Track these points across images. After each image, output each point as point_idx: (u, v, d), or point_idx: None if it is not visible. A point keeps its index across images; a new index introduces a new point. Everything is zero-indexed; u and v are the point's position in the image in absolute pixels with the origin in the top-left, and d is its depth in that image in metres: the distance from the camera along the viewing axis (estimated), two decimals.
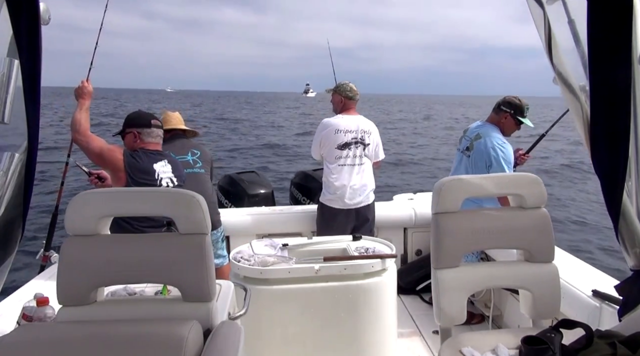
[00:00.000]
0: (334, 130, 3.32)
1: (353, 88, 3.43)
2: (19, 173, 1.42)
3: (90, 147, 2.54)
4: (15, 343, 1.33)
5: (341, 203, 3.36)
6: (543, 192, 1.89)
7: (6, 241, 1.44)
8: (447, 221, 1.86)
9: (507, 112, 3.05)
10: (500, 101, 3.11)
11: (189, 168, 3.15)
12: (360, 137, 3.35)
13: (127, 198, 1.57)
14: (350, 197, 3.35)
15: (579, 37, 1.51)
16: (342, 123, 3.34)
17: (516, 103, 3.04)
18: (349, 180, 3.34)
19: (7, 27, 1.28)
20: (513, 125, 3.07)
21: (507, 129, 3.10)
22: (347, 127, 3.33)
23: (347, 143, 3.32)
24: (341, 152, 3.33)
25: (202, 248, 1.48)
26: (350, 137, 3.33)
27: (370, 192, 3.45)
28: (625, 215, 1.56)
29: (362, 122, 3.40)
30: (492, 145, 2.98)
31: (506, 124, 3.08)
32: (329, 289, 2.29)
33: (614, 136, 1.46)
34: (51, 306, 1.80)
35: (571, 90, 1.54)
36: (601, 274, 2.48)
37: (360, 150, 3.36)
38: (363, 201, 3.39)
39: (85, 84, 2.69)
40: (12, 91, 1.32)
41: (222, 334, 1.43)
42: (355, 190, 3.35)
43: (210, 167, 3.38)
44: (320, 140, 3.38)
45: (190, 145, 3.36)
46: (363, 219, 3.42)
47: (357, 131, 3.34)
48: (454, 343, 1.75)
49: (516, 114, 3.04)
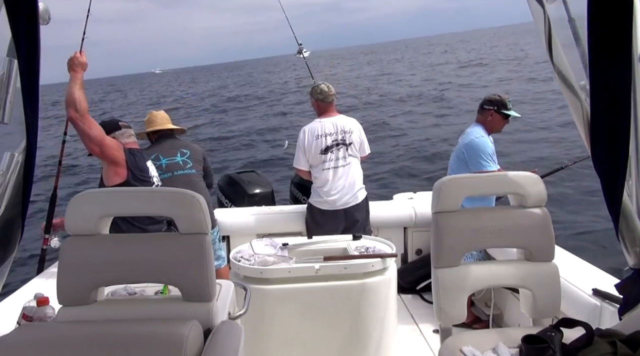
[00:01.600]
0: (314, 137, 3.33)
1: (324, 89, 3.40)
2: (17, 172, 1.42)
3: (91, 135, 2.39)
4: (15, 343, 1.33)
5: (328, 205, 3.38)
6: (543, 191, 1.89)
7: (6, 241, 1.44)
8: (447, 220, 1.86)
9: (491, 109, 3.18)
10: (482, 101, 3.25)
11: (179, 170, 3.12)
12: (341, 138, 3.35)
13: (127, 198, 1.57)
14: (337, 198, 3.36)
15: (579, 36, 1.51)
16: (319, 128, 3.35)
17: (497, 99, 3.18)
18: (334, 182, 3.35)
19: (6, 27, 1.28)
20: (500, 120, 3.19)
21: (496, 125, 3.21)
22: (326, 130, 3.34)
23: (329, 147, 3.33)
24: (324, 156, 3.34)
25: (202, 248, 1.48)
26: (330, 140, 3.32)
27: (359, 191, 3.43)
28: (625, 214, 1.56)
29: (340, 123, 3.38)
30: (469, 139, 3.16)
31: (494, 121, 3.19)
32: (329, 289, 2.29)
33: (614, 135, 1.46)
34: (51, 306, 1.80)
35: (571, 89, 1.54)
36: (601, 273, 2.48)
37: (343, 151, 3.35)
38: (351, 201, 3.39)
39: (78, 55, 2.49)
40: (12, 91, 1.32)
41: (222, 334, 1.43)
42: (341, 191, 3.36)
43: (203, 164, 3.33)
44: (303, 148, 3.38)
45: (179, 144, 3.29)
46: (352, 219, 3.41)
47: (337, 133, 3.34)
48: (455, 342, 1.75)
49: (500, 109, 3.16)
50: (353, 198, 3.39)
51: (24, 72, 1.33)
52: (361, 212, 3.46)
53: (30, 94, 1.35)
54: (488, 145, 3.11)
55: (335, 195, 3.35)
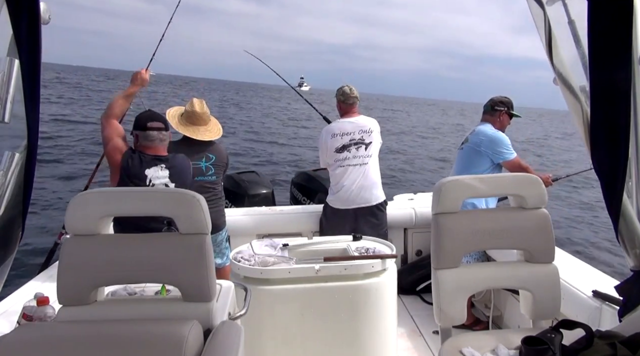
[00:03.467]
0: (330, 136, 3.40)
1: (346, 91, 3.44)
2: (18, 172, 1.42)
3: (103, 133, 2.60)
4: (15, 343, 1.33)
5: (340, 203, 3.39)
6: (543, 193, 1.89)
7: (6, 241, 1.44)
8: (447, 221, 1.86)
9: (502, 110, 3.39)
10: (492, 103, 3.42)
11: (198, 176, 3.03)
12: (359, 138, 3.36)
13: (127, 198, 1.57)
14: (348, 197, 3.36)
15: (579, 38, 1.51)
16: (337, 128, 3.41)
17: (507, 101, 3.43)
18: (346, 181, 3.35)
19: (7, 27, 1.28)
20: (508, 119, 3.45)
21: (504, 124, 3.42)
22: (343, 130, 3.38)
23: (345, 146, 3.36)
24: (338, 155, 3.38)
25: (203, 248, 1.48)
26: (347, 139, 3.36)
27: (375, 192, 3.40)
28: (625, 215, 1.56)
29: (360, 122, 3.41)
30: (487, 134, 3.29)
31: (504, 120, 3.41)
32: (329, 289, 2.29)
33: (614, 136, 1.46)
34: (51, 306, 1.80)
35: (571, 90, 1.54)
36: (601, 274, 2.48)
37: (362, 150, 3.36)
38: (364, 202, 3.37)
39: (143, 72, 2.75)
40: (12, 91, 1.32)
41: (222, 334, 1.43)
42: (353, 191, 3.35)
43: (225, 169, 3.26)
44: (322, 147, 3.46)
45: (207, 148, 3.12)
46: (363, 220, 3.38)
47: (355, 132, 3.36)
48: (454, 343, 1.75)
49: (510, 109, 3.42)
50: (367, 199, 3.37)
51: (25, 72, 1.33)
52: (376, 215, 3.41)
53: (31, 94, 1.35)
54: (506, 137, 3.29)
55: (348, 193, 3.35)
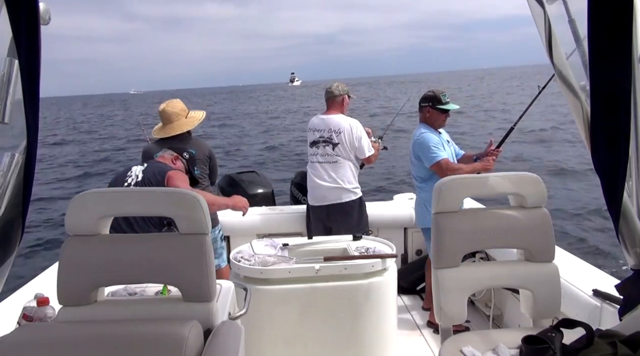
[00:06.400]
0: (308, 129, 3.52)
1: (327, 88, 3.52)
2: (18, 173, 1.42)
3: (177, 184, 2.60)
4: (15, 343, 1.33)
5: (312, 200, 3.47)
6: (543, 192, 1.88)
7: (6, 241, 1.44)
8: (447, 221, 1.86)
9: (427, 106, 3.21)
10: (420, 100, 3.30)
11: None
12: (328, 136, 3.40)
13: (127, 198, 1.57)
14: (317, 194, 3.43)
15: (580, 37, 1.51)
16: (311, 123, 3.52)
17: (431, 96, 3.20)
18: (316, 177, 3.41)
19: (6, 27, 1.28)
20: (439, 115, 3.20)
21: (436, 121, 3.23)
22: (316, 126, 3.46)
23: (315, 142, 3.43)
24: (311, 149, 3.48)
25: (203, 248, 1.48)
26: (317, 136, 3.43)
27: (345, 191, 3.39)
28: (625, 214, 1.56)
29: (332, 121, 3.40)
30: (413, 140, 3.22)
31: (432, 117, 3.21)
32: (329, 289, 2.29)
33: (614, 135, 1.46)
34: (51, 306, 1.80)
35: (571, 89, 1.54)
36: (602, 273, 2.48)
37: (329, 149, 3.39)
38: (333, 200, 3.39)
39: (246, 207, 2.76)
40: (12, 91, 1.32)
41: (222, 334, 1.43)
42: (322, 187, 3.39)
43: (209, 163, 3.28)
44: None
45: (187, 144, 3.16)
46: (334, 219, 3.41)
47: (325, 130, 3.41)
48: (455, 342, 1.75)
49: (435, 104, 3.17)
50: (336, 197, 3.38)
51: (24, 72, 1.33)
52: (347, 213, 3.40)
53: (31, 94, 1.35)
54: (431, 138, 3.14)
55: (317, 190, 3.42)
